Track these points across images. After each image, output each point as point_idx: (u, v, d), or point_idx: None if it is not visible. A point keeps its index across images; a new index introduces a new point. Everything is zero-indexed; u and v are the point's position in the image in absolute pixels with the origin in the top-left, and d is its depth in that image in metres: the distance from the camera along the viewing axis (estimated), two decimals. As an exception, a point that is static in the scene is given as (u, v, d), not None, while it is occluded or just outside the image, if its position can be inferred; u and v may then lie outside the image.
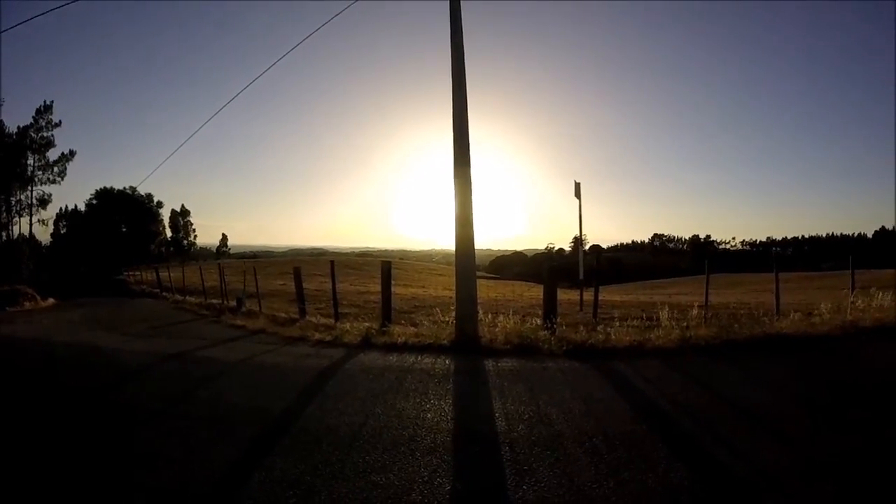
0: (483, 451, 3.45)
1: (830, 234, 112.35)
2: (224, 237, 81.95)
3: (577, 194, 11.68)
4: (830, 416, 3.89)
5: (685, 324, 7.40)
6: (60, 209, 55.03)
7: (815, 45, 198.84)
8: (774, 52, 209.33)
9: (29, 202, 44.43)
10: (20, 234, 43.33)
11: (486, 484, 2.97)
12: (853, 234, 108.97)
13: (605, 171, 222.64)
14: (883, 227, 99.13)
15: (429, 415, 4.20)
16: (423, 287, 23.28)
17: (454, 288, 7.84)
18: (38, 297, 20.66)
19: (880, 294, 8.34)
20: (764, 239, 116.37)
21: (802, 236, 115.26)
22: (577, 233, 13.28)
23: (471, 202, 7.67)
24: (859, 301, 8.33)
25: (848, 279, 9.73)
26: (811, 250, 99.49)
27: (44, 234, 48.57)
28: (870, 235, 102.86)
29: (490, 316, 8.13)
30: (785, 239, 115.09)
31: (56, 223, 53.65)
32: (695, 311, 8.26)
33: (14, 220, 43.43)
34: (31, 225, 44.63)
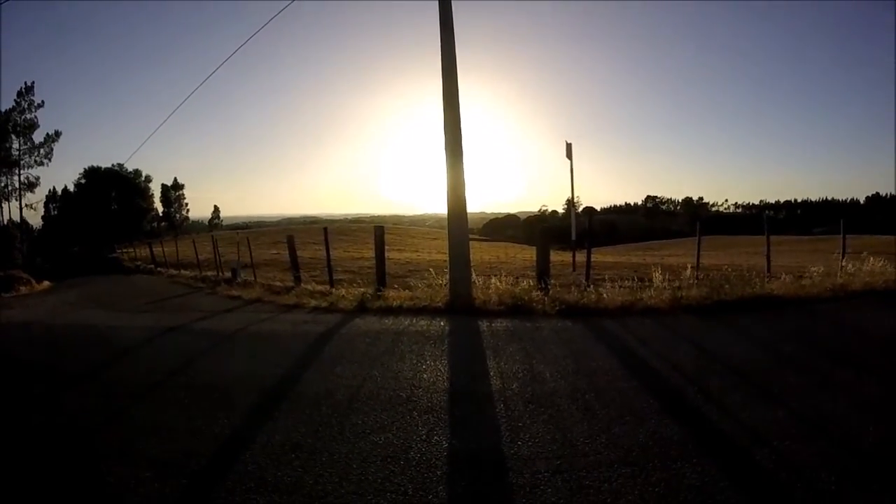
0: (479, 409, 3.53)
1: (823, 198, 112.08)
2: (216, 209, 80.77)
3: (569, 155, 11.60)
4: (818, 374, 3.94)
5: (677, 284, 7.46)
6: (49, 191, 53.86)
7: (811, 9, 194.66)
8: (770, 17, 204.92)
9: (17, 186, 43.57)
10: (10, 218, 42.68)
11: (483, 441, 3.04)
12: (846, 200, 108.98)
13: (599, 133, 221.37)
14: (877, 192, 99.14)
15: (425, 375, 4.27)
16: (417, 251, 23.28)
17: (447, 251, 7.86)
18: (34, 281, 20.54)
19: (870, 259, 8.36)
20: (757, 202, 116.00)
21: (795, 200, 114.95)
22: (570, 194, 13.24)
23: (462, 165, 7.61)
24: (849, 265, 8.38)
25: (839, 243, 9.81)
26: (804, 214, 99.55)
27: (34, 218, 47.80)
28: (862, 201, 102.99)
29: (483, 278, 8.18)
30: (778, 202, 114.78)
31: (46, 205, 52.53)
32: (687, 273, 8.34)
33: (3, 204, 42.75)
34: (20, 209, 43.88)
